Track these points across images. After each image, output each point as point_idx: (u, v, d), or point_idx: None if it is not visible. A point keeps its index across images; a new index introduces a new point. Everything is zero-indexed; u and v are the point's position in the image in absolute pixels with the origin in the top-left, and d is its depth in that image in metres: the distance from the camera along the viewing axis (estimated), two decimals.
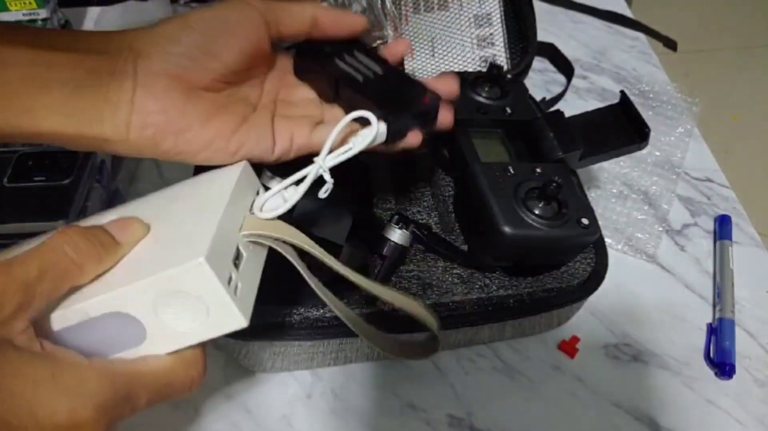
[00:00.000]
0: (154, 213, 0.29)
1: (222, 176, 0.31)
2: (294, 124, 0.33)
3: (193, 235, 0.26)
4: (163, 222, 0.28)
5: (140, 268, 0.26)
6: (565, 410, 0.42)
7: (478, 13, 0.55)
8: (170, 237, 0.27)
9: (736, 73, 1.73)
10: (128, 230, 0.27)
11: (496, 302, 0.39)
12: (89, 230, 0.26)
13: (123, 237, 0.27)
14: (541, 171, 0.38)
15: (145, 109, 0.28)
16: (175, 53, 0.28)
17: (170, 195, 0.32)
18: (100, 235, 0.26)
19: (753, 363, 0.45)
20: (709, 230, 0.53)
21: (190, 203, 0.30)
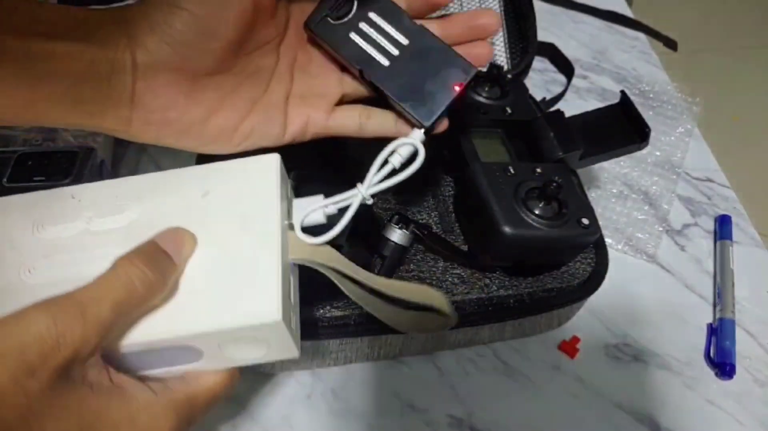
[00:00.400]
0: (192, 215, 0.28)
1: (257, 176, 0.29)
2: (310, 106, 0.32)
3: (256, 274, 0.26)
4: (207, 233, 0.27)
5: (207, 306, 0.26)
6: (565, 410, 0.42)
7: None
8: (228, 266, 0.27)
9: (736, 73, 1.73)
10: (183, 248, 0.27)
11: (497, 302, 0.39)
12: (152, 256, 0.25)
13: (179, 256, 0.26)
14: (541, 171, 0.38)
15: (145, 107, 0.28)
16: (171, 42, 0.27)
17: (198, 186, 0.30)
18: (162, 260, 0.25)
19: (753, 363, 0.45)
20: (710, 230, 0.53)
21: (231, 211, 0.28)
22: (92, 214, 0.29)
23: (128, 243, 0.26)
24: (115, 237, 0.28)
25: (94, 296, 0.23)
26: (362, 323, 0.37)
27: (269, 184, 0.29)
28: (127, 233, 0.28)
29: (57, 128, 0.49)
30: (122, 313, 0.24)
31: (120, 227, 0.28)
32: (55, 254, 0.27)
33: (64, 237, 0.28)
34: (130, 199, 0.29)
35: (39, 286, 0.26)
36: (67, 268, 0.27)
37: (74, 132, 0.48)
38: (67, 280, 0.25)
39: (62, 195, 0.29)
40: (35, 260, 0.27)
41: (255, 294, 0.25)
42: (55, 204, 0.29)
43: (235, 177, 0.30)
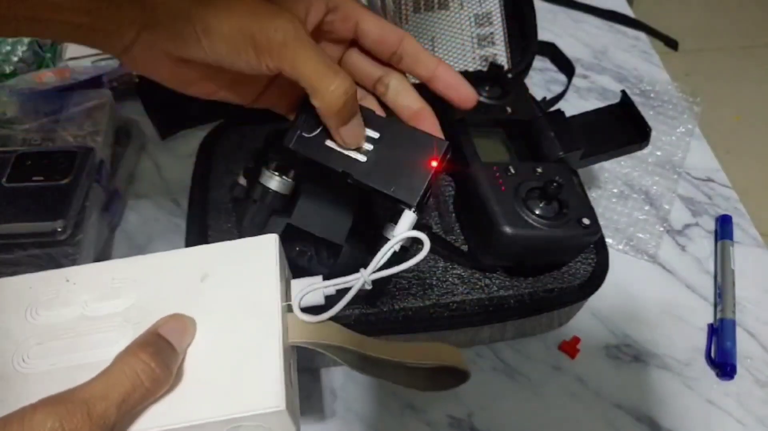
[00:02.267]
0: (191, 300, 0.28)
1: (256, 257, 0.29)
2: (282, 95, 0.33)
3: (258, 361, 0.26)
4: (207, 318, 0.27)
5: (210, 394, 0.25)
6: (565, 410, 0.42)
7: (479, 12, 0.55)
8: (229, 352, 0.26)
9: (737, 72, 1.72)
10: (185, 337, 0.26)
11: (497, 302, 0.39)
12: (156, 348, 0.25)
13: (181, 345, 0.26)
14: (541, 171, 0.38)
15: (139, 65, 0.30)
16: (184, 47, 0.28)
17: (196, 269, 0.29)
18: (166, 351, 0.25)
19: (754, 363, 0.45)
20: (710, 230, 0.53)
21: (231, 295, 0.28)
22: (88, 298, 0.28)
23: (126, 330, 0.26)
24: (112, 323, 0.27)
25: (99, 394, 0.23)
26: (362, 323, 0.37)
27: (268, 266, 0.29)
28: (125, 319, 0.27)
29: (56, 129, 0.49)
30: (128, 410, 0.23)
31: (117, 312, 0.28)
32: (50, 341, 0.27)
33: (59, 323, 0.27)
34: (127, 282, 0.29)
35: (35, 376, 0.25)
36: (64, 356, 0.26)
37: (73, 132, 0.48)
38: (64, 369, 0.25)
39: (56, 278, 0.29)
40: (29, 347, 0.26)
41: (259, 383, 0.25)
42: (49, 288, 0.28)
43: (233, 259, 0.29)
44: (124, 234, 0.51)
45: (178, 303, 0.27)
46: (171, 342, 0.25)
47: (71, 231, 0.43)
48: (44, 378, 0.25)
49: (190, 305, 0.27)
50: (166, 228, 0.51)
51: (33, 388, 0.24)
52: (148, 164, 0.56)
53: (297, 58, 0.28)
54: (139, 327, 0.26)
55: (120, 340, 0.26)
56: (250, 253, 0.29)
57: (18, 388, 0.25)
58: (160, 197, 0.53)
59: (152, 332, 0.26)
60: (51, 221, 0.42)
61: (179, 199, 0.53)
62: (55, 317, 0.27)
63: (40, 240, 0.43)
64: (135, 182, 0.54)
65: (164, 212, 0.52)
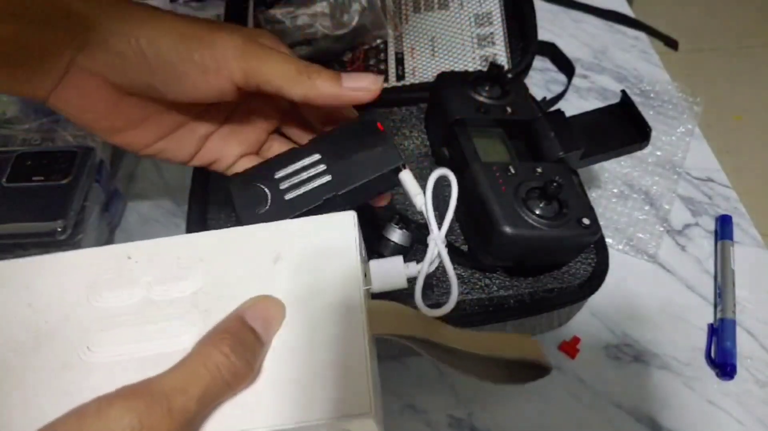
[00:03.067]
0: (264, 285, 0.26)
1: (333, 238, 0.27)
2: (227, 145, 0.32)
3: (343, 359, 0.24)
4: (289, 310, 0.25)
5: (292, 395, 0.23)
6: (565, 410, 0.42)
7: (479, 12, 0.55)
8: (309, 347, 0.24)
9: (737, 72, 1.72)
10: (273, 325, 0.24)
11: (497, 302, 0.39)
12: (239, 338, 0.23)
13: (268, 334, 0.24)
14: (541, 171, 0.38)
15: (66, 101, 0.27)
16: (123, 70, 0.26)
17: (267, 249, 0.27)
18: (250, 342, 0.23)
19: (754, 363, 0.45)
20: (711, 230, 0.53)
21: (308, 281, 0.26)
22: (151, 278, 0.26)
23: (194, 317, 0.24)
24: (179, 309, 0.25)
25: (178, 387, 0.21)
26: None
27: (348, 248, 0.26)
28: (193, 304, 0.25)
29: (56, 129, 0.49)
30: (208, 405, 0.22)
31: (184, 297, 0.25)
32: (114, 328, 0.25)
33: (123, 306, 0.25)
34: (193, 262, 0.26)
35: (101, 366, 0.24)
36: (130, 346, 0.24)
37: (73, 132, 0.48)
38: (132, 360, 0.23)
39: (117, 254, 0.27)
40: (93, 334, 0.25)
41: (343, 385, 0.23)
42: (110, 265, 0.27)
43: (308, 239, 0.27)
44: (124, 234, 0.51)
45: (250, 288, 0.25)
46: (257, 331, 0.23)
47: (71, 231, 0.43)
48: (112, 369, 0.24)
49: (263, 290, 0.25)
50: (166, 228, 0.51)
51: (100, 380, 0.22)
52: (148, 164, 0.56)
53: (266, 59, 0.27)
54: (209, 315, 0.24)
55: (189, 329, 0.24)
56: (326, 232, 0.27)
57: (84, 379, 0.23)
58: (160, 197, 0.53)
59: (236, 317, 0.23)
60: (51, 221, 0.42)
61: (179, 199, 0.53)
62: (118, 299, 0.26)
63: (40, 240, 0.43)
64: (135, 182, 0.54)
65: (164, 212, 0.52)
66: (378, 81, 0.30)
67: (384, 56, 0.54)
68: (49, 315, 0.25)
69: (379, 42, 0.55)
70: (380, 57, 0.54)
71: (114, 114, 0.28)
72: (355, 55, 0.55)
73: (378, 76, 0.30)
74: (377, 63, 0.54)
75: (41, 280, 0.26)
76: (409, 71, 0.53)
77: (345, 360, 0.24)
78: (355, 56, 0.54)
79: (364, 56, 0.54)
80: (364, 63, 0.54)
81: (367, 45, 0.55)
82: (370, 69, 0.54)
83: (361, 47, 0.55)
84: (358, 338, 0.24)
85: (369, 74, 0.30)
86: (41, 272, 0.26)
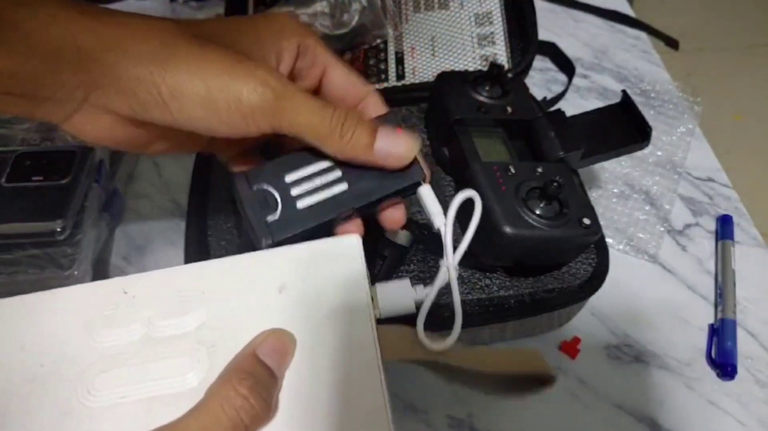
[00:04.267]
0: (270, 316, 0.25)
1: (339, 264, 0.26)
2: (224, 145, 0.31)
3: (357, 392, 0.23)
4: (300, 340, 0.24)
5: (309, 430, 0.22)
6: (566, 411, 0.42)
7: (479, 11, 0.55)
8: (321, 380, 0.23)
9: (738, 72, 1.72)
10: (285, 359, 0.23)
11: (497, 302, 0.39)
12: (255, 378, 0.22)
13: (280, 369, 0.23)
14: (542, 171, 0.38)
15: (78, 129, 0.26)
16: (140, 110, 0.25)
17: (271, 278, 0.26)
18: (265, 381, 0.22)
19: (755, 363, 0.45)
20: (711, 230, 0.53)
21: (315, 310, 0.25)
22: (151, 313, 0.25)
23: (200, 354, 0.23)
24: (183, 346, 0.24)
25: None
26: None
27: (355, 273, 0.25)
28: (198, 341, 0.24)
29: (55, 128, 0.49)
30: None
31: (187, 333, 0.24)
32: (115, 368, 0.24)
33: (123, 345, 0.24)
34: (195, 294, 0.25)
35: (104, 410, 0.23)
36: (133, 386, 0.23)
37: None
38: (137, 402, 0.22)
39: (113, 289, 0.26)
40: (93, 376, 0.23)
41: (359, 416, 0.22)
42: (107, 301, 0.25)
43: (313, 265, 0.26)
44: (123, 234, 0.50)
45: (255, 321, 0.24)
46: (270, 367, 0.22)
47: (70, 231, 0.43)
48: (116, 413, 0.22)
49: (269, 322, 0.24)
50: (166, 228, 0.51)
51: (104, 426, 0.21)
52: (147, 163, 0.56)
53: (296, 111, 0.25)
54: (215, 351, 0.23)
55: (195, 366, 0.23)
56: (331, 258, 0.26)
57: (87, 426, 0.22)
58: (160, 197, 0.53)
59: (249, 354, 0.23)
60: (50, 221, 0.42)
61: (179, 199, 0.53)
62: (117, 337, 0.24)
63: (40, 240, 0.43)
64: (135, 182, 0.54)
65: (164, 212, 0.52)
66: (414, 148, 0.27)
67: (384, 56, 0.54)
68: (45, 358, 0.24)
69: (379, 42, 0.55)
70: (380, 57, 0.54)
71: (131, 139, 0.27)
72: (355, 55, 0.54)
73: (416, 141, 0.28)
74: (377, 63, 0.54)
75: (33, 321, 0.25)
76: (409, 71, 0.53)
77: (360, 394, 0.23)
78: (355, 56, 0.54)
79: (364, 56, 0.54)
80: (364, 63, 0.54)
81: (367, 45, 0.55)
82: (370, 69, 0.54)
83: (361, 47, 0.55)
84: (372, 371, 0.23)
85: (406, 138, 0.27)
86: (33, 312, 0.25)
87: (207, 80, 0.24)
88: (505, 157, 0.41)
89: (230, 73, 0.24)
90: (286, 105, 0.25)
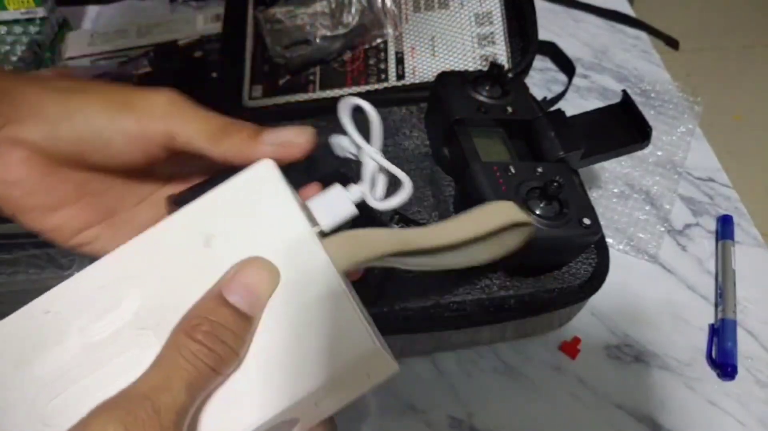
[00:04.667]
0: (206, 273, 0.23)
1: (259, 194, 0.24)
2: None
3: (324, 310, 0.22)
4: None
5: (290, 367, 0.22)
6: (566, 411, 0.42)
7: (479, 11, 0.55)
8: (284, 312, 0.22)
9: (738, 72, 1.72)
10: (258, 295, 0.22)
11: (497, 302, 0.39)
12: (216, 321, 0.21)
13: (253, 307, 0.22)
14: (542, 171, 0.38)
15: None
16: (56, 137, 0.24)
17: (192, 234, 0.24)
18: (229, 322, 0.21)
19: (755, 363, 0.45)
20: (711, 230, 0.53)
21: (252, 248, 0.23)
22: (82, 322, 0.23)
23: (148, 339, 0.22)
24: (126, 339, 0.22)
25: (159, 384, 0.20)
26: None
27: (279, 197, 0.24)
28: (139, 326, 0.22)
29: None
30: (197, 395, 0.20)
31: (125, 324, 0.23)
32: (64, 391, 0.22)
33: (64, 364, 0.22)
34: (118, 284, 0.23)
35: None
36: (89, 398, 0.21)
37: None
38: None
39: (32, 315, 0.23)
40: (43, 408, 0.21)
41: (337, 333, 0.21)
42: (30, 329, 0.23)
43: (233, 206, 0.24)
44: None
45: (194, 283, 0.22)
46: (238, 306, 0.21)
47: None
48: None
49: (207, 278, 0.22)
50: None
51: None
52: None
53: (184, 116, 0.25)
54: (161, 329, 0.22)
55: (146, 352, 0.21)
56: (248, 191, 0.25)
57: None
58: None
59: (212, 296, 0.22)
60: None
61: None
62: (54, 360, 0.22)
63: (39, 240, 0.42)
64: None
65: None
66: (303, 133, 0.26)
67: (384, 56, 0.54)
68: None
69: (379, 42, 0.55)
70: (380, 57, 0.54)
71: (44, 189, 0.25)
72: (355, 55, 0.54)
73: (305, 128, 0.26)
74: (377, 63, 0.54)
75: None
76: (409, 71, 0.53)
77: (326, 309, 0.22)
78: (355, 56, 0.54)
79: (364, 56, 0.54)
80: (364, 63, 0.54)
81: (367, 45, 0.55)
82: (370, 69, 0.54)
83: (361, 47, 0.55)
84: (331, 282, 0.22)
85: (293, 127, 0.26)
86: None
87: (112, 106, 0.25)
88: (505, 157, 0.41)
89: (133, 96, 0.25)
90: (178, 113, 0.25)
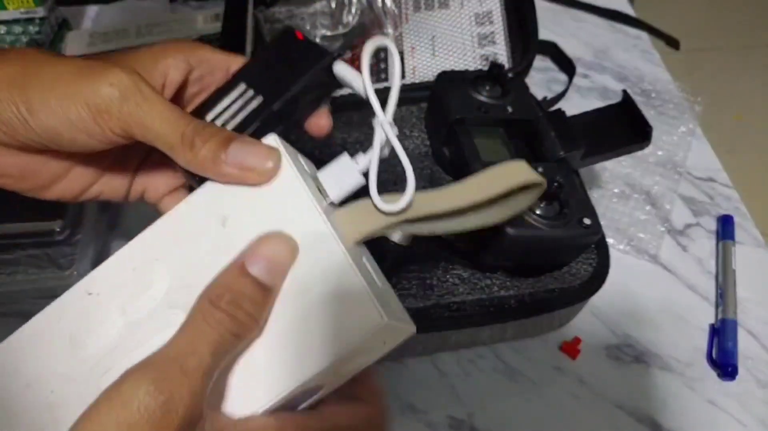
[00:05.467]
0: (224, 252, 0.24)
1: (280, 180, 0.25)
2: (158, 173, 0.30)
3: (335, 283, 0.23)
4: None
5: (308, 341, 0.23)
6: (566, 411, 0.42)
7: (479, 11, 0.55)
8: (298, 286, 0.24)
9: (738, 72, 1.72)
10: (278, 267, 0.23)
11: (498, 302, 0.39)
12: (238, 291, 0.22)
13: (273, 279, 0.23)
14: (542, 171, 0.38)
15: None
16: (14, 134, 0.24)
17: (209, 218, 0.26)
18: (249, 292, 0.22)
19: (755, 363, 0.45)
20: (712, 231, 0.53)
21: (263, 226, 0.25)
22: (121, 301, 0.25)
23: (179, 317, 0.23)
24: (161, 318, 0.24)
25: (186, 349, 0.21)
26: None
27: (286, 175, 0.25)
28: (170, 305, 0.24)
29: None
30: (222, 358, 0.22)
31: (159, 303, 0.25)
32: (111, 369, 0.24)
33: (110, 342, 0.24)
34: (149, 265, 0.25)
35: None
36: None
37: None
38: None
39: (77, 297, 0.26)
40: (98, 380, 0.23)
41: (346, 309, 0.23)
42: (76, 310, 0.25)
43: (240, 186, 0.26)
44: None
45: (214, 263, 0.24)
46: (258, 277, 0.22)
47: (70, 231, 0.43)
48: None
49: (226, 257, 0.24)
50: None
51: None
52: None
53: (144, 114, 0.24)
54: (189, 308, 0.23)
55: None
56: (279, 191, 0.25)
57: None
58: None
59: (235, 267, 0.23)
60: (49, 221, 0.42)
61: None
62: (101, 339, 0.24)
63: (39, 240, 0.43)
64: None
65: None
66: (270, 159, 0.25)
67: (384, 56, 0.54)
68: (52, 384, 0.24)
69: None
70: (380, 57, 0.54)
71: (31, 174, 0.26)
72: (355, 55, 0.54)
73: (272, 152, 0.25)
74: (377, 63, 0.54)
75: (24, 356, 0.25)
76: (409, 71, 0.53)
77: (336, 284, 0.23)
78: (355, 56, 0.54)
79: None
80: None
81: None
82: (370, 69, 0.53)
83: (361, 47, 0.54)
84: (338, 258, 0.23)
85: (262, 148, 0.25)
86: (21, 349, 0.25)
87: (61, 89, 0.24)
88: (505, 157, 0.41)
89: (82, 78, 0.24)
90: (133, 108, 0.24)
